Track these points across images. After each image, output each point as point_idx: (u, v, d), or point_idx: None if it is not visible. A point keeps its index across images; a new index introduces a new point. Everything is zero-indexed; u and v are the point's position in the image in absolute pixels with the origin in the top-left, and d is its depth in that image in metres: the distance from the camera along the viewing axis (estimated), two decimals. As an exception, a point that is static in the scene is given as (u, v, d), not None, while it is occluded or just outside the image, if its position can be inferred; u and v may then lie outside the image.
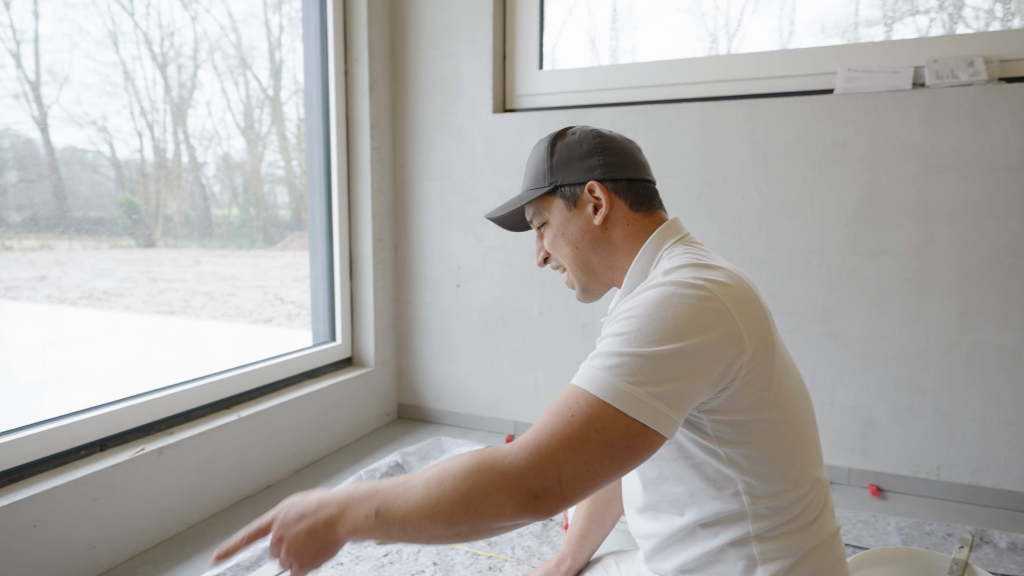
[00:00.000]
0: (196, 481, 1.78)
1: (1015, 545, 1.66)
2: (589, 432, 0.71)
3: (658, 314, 0.75)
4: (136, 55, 1.91)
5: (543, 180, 0.98)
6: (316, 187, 2.43)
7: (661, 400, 0.72)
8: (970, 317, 1.91)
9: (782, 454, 0.81)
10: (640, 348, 0.73)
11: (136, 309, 2.20)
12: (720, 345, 0.75)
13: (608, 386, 0.72)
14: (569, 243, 0.97)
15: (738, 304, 0.77)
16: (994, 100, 1.83)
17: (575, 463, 0.70)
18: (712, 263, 0.84)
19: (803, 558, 0.81)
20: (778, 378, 0.80)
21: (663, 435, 0.73)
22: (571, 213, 0.96)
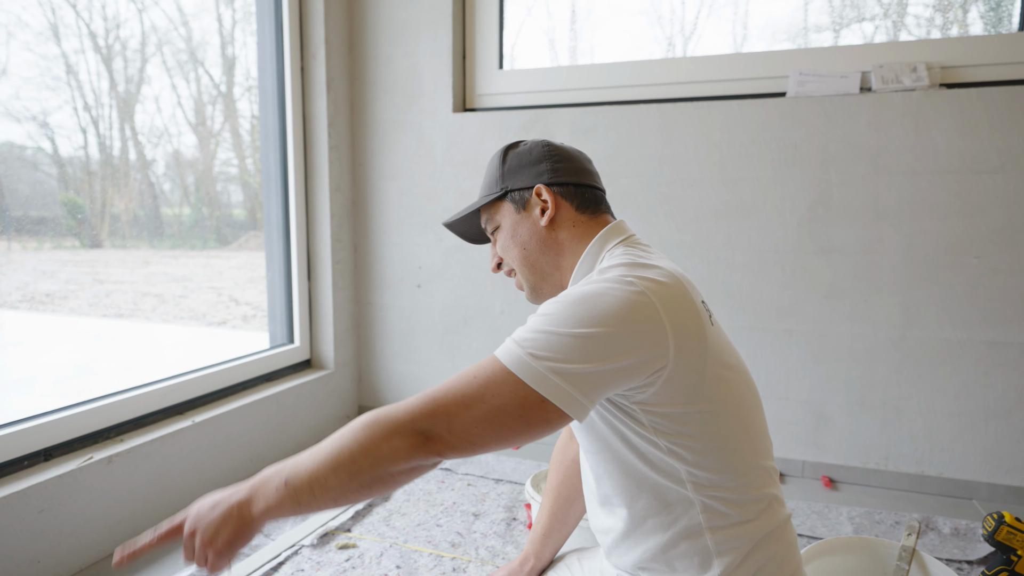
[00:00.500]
0: (148, 490, 1.72)
1: (958, 531, 1.74)
2: (485, 394, 0.74)
3: (582, 302, 0.77)
4: (79, 48, 1.83)
5: (495, 186, 1.02)
6: (272, 186, 2.38)
7: (563, 377, 0.73)
8: (915, 313, 1.99)
9: (725, 444, 0.83)
10: (554, 327, 0.76)
11: (82, 312, 2.11)
12: (640, 339, 0.76)
13: (514, 356, 0.75)
14: (518, 245, 1.00)
15: (667, 302, 0.78)
16: (936, 105, 1.91)
17: (465, 417, 0.74)
18: (649, 263, 0.85)
19: (756, 546, 0.83)
20: (714, 371, 0.81)
21: (565, 412, 0.74)
22: (520, 216, 1.00)
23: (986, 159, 1.88)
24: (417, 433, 0.74)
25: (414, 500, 1.90)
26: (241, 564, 1.53)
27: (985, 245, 1.90)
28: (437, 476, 2.07)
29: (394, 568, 1.54)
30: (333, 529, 1.71)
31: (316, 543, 1.64)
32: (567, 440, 1.25)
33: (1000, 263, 1.90)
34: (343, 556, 1.59)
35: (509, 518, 1.80)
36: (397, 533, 1.71)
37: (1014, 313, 1.90)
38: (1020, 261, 1.88)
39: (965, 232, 1.92)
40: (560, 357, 0.74)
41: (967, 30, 2.07)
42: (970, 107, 1.88)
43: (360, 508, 1.82)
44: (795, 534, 0.92)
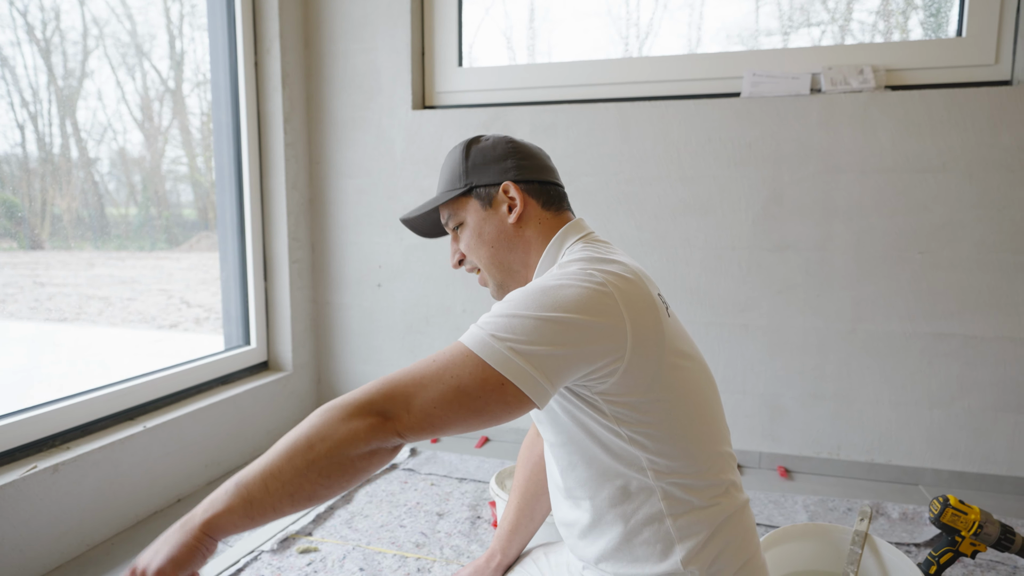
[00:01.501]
0: (97, 498, 1.65)
1: (906, 515, 1.81)
2: (444, 374, 0.73)
3: (544, 291, 0.78)
4: (14, 40, 1.75)
5: (458, 182, 1.00)
6: (226, 184, 2.31)
7: (524, 358, 0.73)
8: (864, 307, 2.06)
9: (683, 432, 0.84)
10: (516, 311, 0.76)
11: (21, 316, 2.01)
12: (600, 329, 0.77)
13: (475, 337, 0.75)
14: (485, 243, 0.99)
15: (625, 294, 0.80)
16: (882, 106, 1.98)
17: (423, 396, 0.72)
18: (608, 257, 0.87)
19: (716, 531, 0.85)
20: (671, 361, 0.83)
21: (525, 394, 0.74)
22: (486, 213, 0.99)
23: (928, 159, 1.96)
24: (375, 413, 0.71)
25: (376, 502, 1.88)
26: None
27: (928, 241, 1.99)
28: (400, 476, 2.05)
29: (357, 571, 1.52)
30: (294, 533, 1.67)
31: (276, 548, 1.60)
32: (534, 437, 1.25)
33: (942, 258, 1.98)
34: (304, 560, 1.56)
35: (473, 517, 1.79)
36: (360, 535, 1.69)
37: (955, 306, 1.99)
38: (960, 256, 1.97)
39: (910, 228, 2.00)
40: (522, 339, 0.74)
41: (908, 36, 2.16)
42: (913, 109, 1.96)
43: (321, 511, 1.79)
44: (753, 518, 0.94)
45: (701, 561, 0.84)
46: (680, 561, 0.83)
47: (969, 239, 1.96)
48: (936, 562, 1.36)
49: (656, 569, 0.85)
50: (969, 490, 2.02)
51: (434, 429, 0.73)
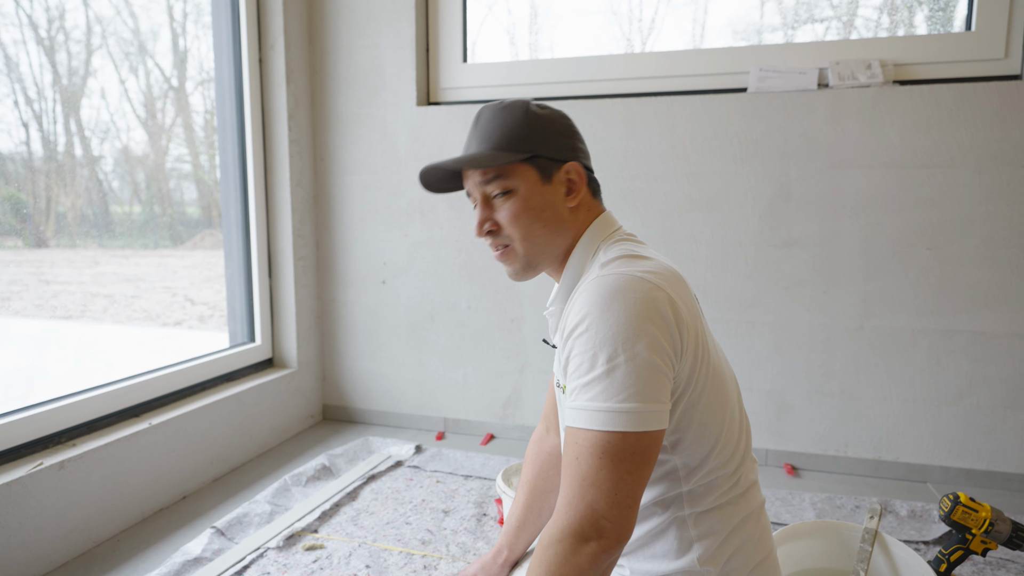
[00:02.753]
0: (103, 495, 1.65)
1: (914, 513, 1.79)
2: (595, 462, 0.76)
3: (611, 317, 0.77)
4: (19, 39, 1.75)
5: (518, 145, 0.91)
6: (230, 181, 2.31)
7: (649, 399, 0.76)
8: (871, 303, 2.04)
9: (716, 433, 0.84)
10: (610, 363, 0.76)
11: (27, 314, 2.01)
12: (668, 326, 0.78)
13: (597, 415, 0.76)
14: (537, 219, 0.92)
15: (672, 288, 0.81)
16: (890, 101, 1.97)
17: (602, 496, 0.75)
18: (644, 254, 0.87)
19: (734, 530, 0.85)
20: (705, 360, 0.84)
21: (663, 428, 0.77)
22: (544, 187, 0.92)
23: (937, 154, 1.95)
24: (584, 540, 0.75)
25: (382, 499, 1.87)
26: (204, 569, 1.48)
27: (937, 237, 1.97)
28: (405, 474, 2.05)
29: (363, 568, 1.51)
30: (300, 530, 1.67)
31: (282, 545, 1.60)
32: (543, 433, 1.24)
33: (951, 254, 1.97)
34: (310, 557, 1.56)
35: (479, 514, 1.78)
36: (366, 532, 1.68)
37: (964, 302, 1.97)
38: (969, 252, 1.96)
39: (918, 224, 1.98)
40: (635, 388, 0.76)
41: (913, 31, 2.14)
42: (922, 103, 1.94)
43: (327, 508, 1.79)
44: (768, 519, 0.94)
45: (717, 560, 0.83)
46: (697, 559, 0.83)
47: (978, 235, 1.94)
48: (946, 560, 1.35)
49: (672, 566, 0.84)
50: (978, 487, 2.00)
51: (630, 510, 0.77)
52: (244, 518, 1.71)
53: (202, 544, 1.57)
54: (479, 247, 2.36)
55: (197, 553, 1.53)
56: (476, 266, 2.37)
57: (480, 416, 2.44)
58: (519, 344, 2.36)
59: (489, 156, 0.92)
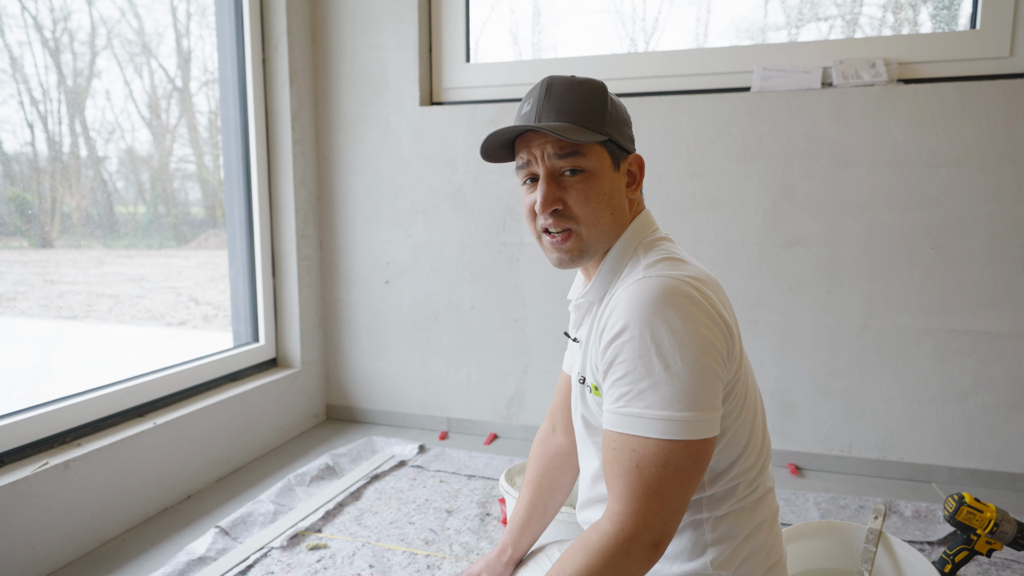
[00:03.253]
0: (108, 495, 1.65)
1: (919, 513, 1.79)
2: (659, 470, 0.75)
3: (665, 323, 0.76)
4: (24, 40, 1.75)
5: (600, 125, 0.88)
6: (234, 181, 2.32)
7: (705, 408, 0.76)
8: (876, 303, 2.04)
9: (744, 441, 0.85)
10: (668, 370, 0.76)
11: (32, 314, 2.02)
12: (719, 332, 0.79)
13: (657, 423, 0.76)
14: (607, 204, 0.89)
15: (717, 295, 0.82)
16: (894, 100, 1.96)
17: (666, 503, 0.76)
18: (685, 259, 0.87)
19: (749, 535, 0.85)
20: (744, 367, 0.85)
21: (716, 434, 0.78)
22: (613, 174, 0.90)
23: (942, 153, 1.94)
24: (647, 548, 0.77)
25: (385, 499, 1.88)
26: (208, 568, 1.48)
27: (941, 236, 1.97)
28: (409, 474, 2.05)
29: (367, 567, 1.52)
30: (303, 530, 1.67)
31: (286, 544, 1.60)
32: (548, 432, 1.24)
33: (955, 253, 1.96)
34: (314, 557, 1.56)
35: (483, 514, 1.78)
36: (369, 532, 1.68)
37: (969, 301, 1.97)
38: (974, 251, 1.95)
39: (923, 223, 1.98)
40: (692, 396, 0.75)
41: (918, 30, 2.13)
42: (926, 102, 1.94)
43: (331, 508, 1.79)
44: (780, 526, 0.94)
45: (730, 564, 0.83)
46: (710, 563, 0.83)
47: (983, 234, 1.94)
48: (951, 560, 1.35)
49: (685, 568, 0.85)
50: (983, 488, 2.00)
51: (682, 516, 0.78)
52: (248, 518, 1.72)
53: (206, 543, 1.57)
54: (482, 247, 2.36)
55: (201, 552, 1.54)
56: (479, 266, 2.37)
57: (483, 416, 2.44)
58: (522, 344, 2.36)
59: (577, 130, 0.85)
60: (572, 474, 1.19)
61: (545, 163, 0.88)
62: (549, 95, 0.88)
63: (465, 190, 2.35)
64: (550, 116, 0.87)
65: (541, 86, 0.89)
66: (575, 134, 0.84)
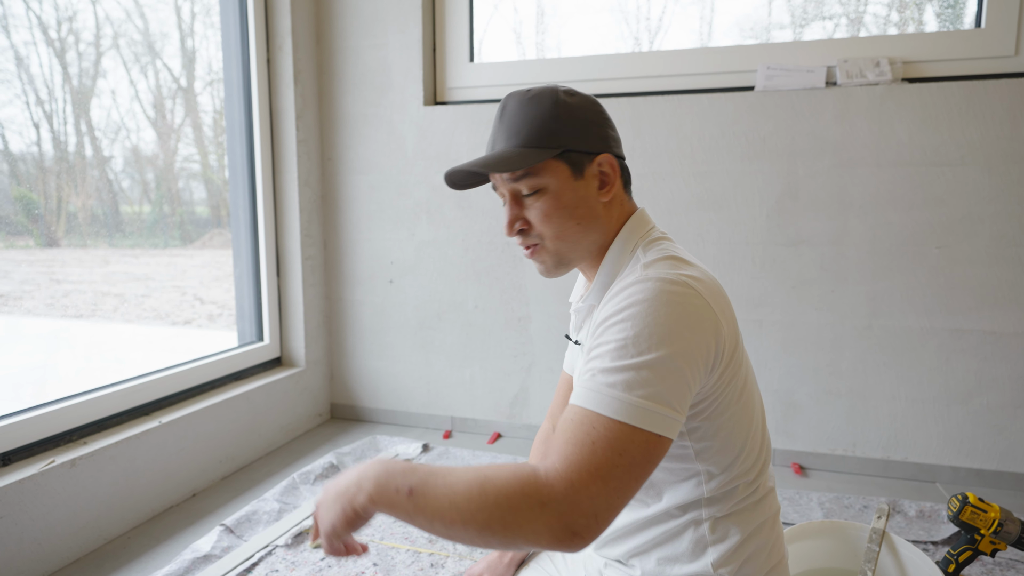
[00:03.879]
0: (114, 493, 1.66)
1: (923, 513, 1.79)
2: (614, 457, 0.70)
3: (651, 316, 0.74)
4: (30, 40, 1.76)
5: (547, 141, 0.86)
6: (238, 181, 2.32)
7: (669, 406, 0.72)
8: (880, 302, 2.03)
9: (741, 443, 0.84)
10: (640, 357, 0.72)
11: (38, 313, 2.03)
12: (707, 338, 0.76)
13: (620, 404, 0.71)
14: (570, 216, 0.88)
15: (714, 299, 0.80)
16: (899, 99, 1.96)
17: (606, 493, 0.69)
18: (686, 258, 0.86)
19: (750, 536, 0.85)
20: (742, 369, 0.84)
21: (672, 438, 0.73)
22: (575, 183, 0.87)
23: (946, 152, 1.94)
24: (565, 528, 0.68)
25: (390, 497, 1.88)
26: (213, 566, 1.49)
27: (946, 235, 1.96)
28: (412, 473, 2.06)
29: (371, 566, 1.52)
30: (308, 528, 1.68)
31: (290, 543, 1.61)
32: (549, 432, 1.24)
33: (960, 253, 1.96)
34: (318, 555, 1.57)
35: (486, 513, 1.79)
36: (373, 530, 1.69)
37: (973, 301, 1.96)
38: (978, 251, 1.94)
39: (927, 223, 1.97)
40: (660, 388, 0.71)
41: (923, 28, 2.12)
42: (931, 101, 1.93)
43: (335, 507, 1.80)
44: (782, 526, 0.94)
45: (731, 564, 0.83)
46: (711, 563, 0.83)
47: (988, 233, 1.93)
48: (955, 560, 1.35)
49: (685, 569, 0.85)
50: (988, 488, 1.99)
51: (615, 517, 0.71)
52: (253, 516, 1.72)
53: (211, 541, 1.58)
54: (486, 246, 2.36)
55: (206, 550, 1.55)
56: (483, 265, 2.37)
57: (487, 415, 2.45)
58: (526, 343, 2.37)
59: (516, 156, 0.86)
60: None
61: (504, 187, 0.90)
62: (503, 117, 0.89)
63: (469, 190, 2.35)
64: (502, 140, 0.88)
65: (499, 107, 0.91)
66: (512, 162, 0.85)
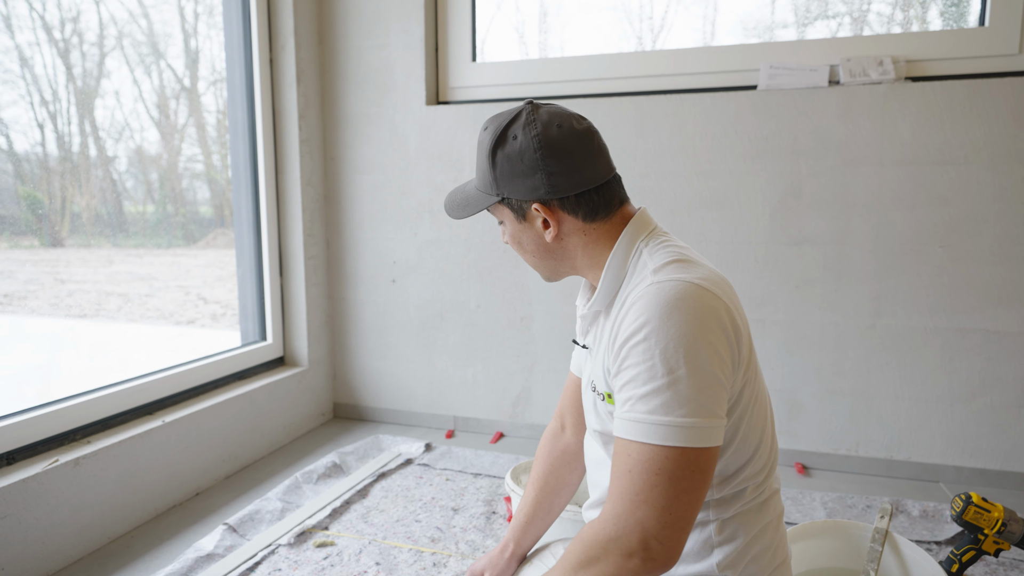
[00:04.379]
0: (118, 492, 1.67)
1: (926, 513, 1.78)
2: (653, 478, 0.73)
3: (672, 327, 0.75)
4: (34, 41, 1.77)
5: (490, 189, 0.93)
6: (242, 180, 2.33)
7: (713, 414, 0.74)
8: (883, 302, 2.03)
9: (755, 445, 0.85)
10: (672, 374, 0.74)
11: (43, 313, 2.04)
12: (729, 337, 0.78)
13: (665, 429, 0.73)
14: (526, 250, 0.96)
15: (728, 297, 0.80)
16: (902, 97, 1.95)
17: (654, 514, 0.73)
18: (694, 259, 0.85)
19: (755, 537, 0.85)
20: (757, 371, 0.85)
21: (720, 444, 0.76)
22: (522, 225, 0.93)
23: (950, 151, 1.93)
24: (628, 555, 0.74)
25: (392, 496, 1.88)
26: (216, 565, 1.49)
27: (950, 235, 1.96)
28: (415, 472, 2.06)
29: (373, 565, 1.53)
30: (310, 527, 1.68)
31: (293, 542, 1.61)
32: (557, 431, 1.24)
33: (964, 252, 1.95)
34: (321, 554, 1.57)
35: (489, 512, 1.79)
36: (376, 530, 1.69)
37: (977, 300, 1.95)
38: (982, 250, 1.94)
39: (930, 222, 1.97)
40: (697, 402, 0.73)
41: (927, 27, 2.12)
42: (935, 100, 1.93)
43: (338, 506, 1.80)
44: (785, 528, 0.94)
45: (736, 565, 0.84)
46: (716, 564, 0.83)
47: (991, 232, 1.93)
48: (958, 560, 1.34)
49: (691, 569, 0.85)
50: (991, 487, 1.99)
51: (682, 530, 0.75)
52: (256, 515, 1.73)
53: (214, 540, 1.58)
54: (488, 246, 2.36)
55: (209, 549, 1.55)
56: (485, 265, 2.37)
57: (489, 414, 2.45)
58: (528, 343, 2.37)
59: (467, 201, 0.96)
60: (579, 473, 1.19)
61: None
62: (478, 149, 0.95)
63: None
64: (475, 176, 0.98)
65: None
66: (464, 206, 0.96)
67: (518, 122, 0.89)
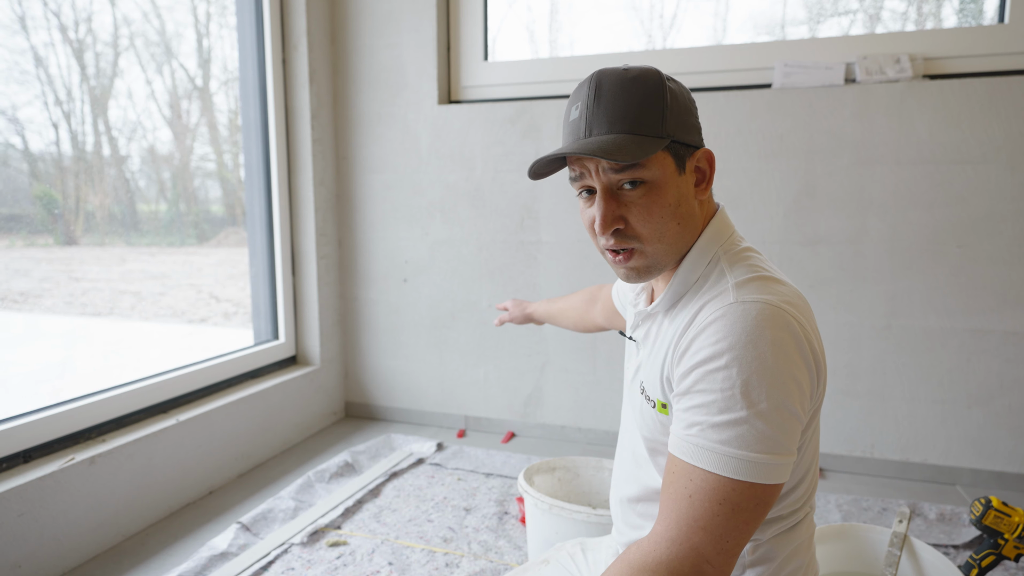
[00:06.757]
0: (132, 490, 1.68)
1: (943, 516, 1.76)
2: (716, 508, 0.69)
3: (758, 358, 0.70)
4: (48, 41, 1.78)
5: (659, 129, 0.77)
6: (254, 180, 2.34)
7: (787, 452, 0.71)
8: (899, 302, 2.01)
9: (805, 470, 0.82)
10: (752, 408, 0.70)
11: (57, 311, 2.05)
12: (811, 369, 0.74)
13: (736, 462, 0.69)
14: (673, 215, 0.79)
15: (810, 322, 0.76)
16: (919, 96, 1.93)
17: (711, 542, 0.69)
18: (776, 276, 0.80)
19: (788, 557, 0.82)
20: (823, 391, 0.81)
21: (784, 481, 0.72)
22: (679, 179, 0.79)
23: (968, 149, 1.91)
24: None
25: (404, 496, 1.88)
26: (230, 564, 1.50)
27: (967, 234, 1.93)
28: (427, 471, 2.06)
29: (386, 565, 1.53)
30: (323, 527, 1.69)
31: (306, 541, 1.62)
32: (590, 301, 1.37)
33: (981, 252, 1.93)
34: (334, 554, 1.57)
35: (501, 512, 1.79)
36: (388, 529, 1.69)
37: (995, 301, 1.93)
38: (1000, 250, 1.91)
39: (948, 222, 1.94)
40: (772, 439, 0.70)
41: (942, 24, 2.09)
42: (952, 98, 1.90)
43: (350, 505, 1.80)
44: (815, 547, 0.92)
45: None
46: None
47: (1010, 232, 1.90)
48: (977, 565, 1.33)
49: None
50: (1009, 491, 1.96)
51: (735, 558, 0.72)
52: (269, 514, 1.73)
53: (228, 539, 1.59)
54: (500, 245, 2.35)
55: (223, 548, 1.56)
56: (497, 264, 2.37)
57: (501, 414, 2.44)
58: (540, 342, 2.36)
59: (632, 145, 0.75)
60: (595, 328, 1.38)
61: (600, 177, 0.78)
62: (599, 100, 0.77)
63: (483, 189, 2.35)
64: (601, 126, 0.77)
65: (589, 87, 0.79)
66: (630, 150, 0.74)
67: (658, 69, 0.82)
